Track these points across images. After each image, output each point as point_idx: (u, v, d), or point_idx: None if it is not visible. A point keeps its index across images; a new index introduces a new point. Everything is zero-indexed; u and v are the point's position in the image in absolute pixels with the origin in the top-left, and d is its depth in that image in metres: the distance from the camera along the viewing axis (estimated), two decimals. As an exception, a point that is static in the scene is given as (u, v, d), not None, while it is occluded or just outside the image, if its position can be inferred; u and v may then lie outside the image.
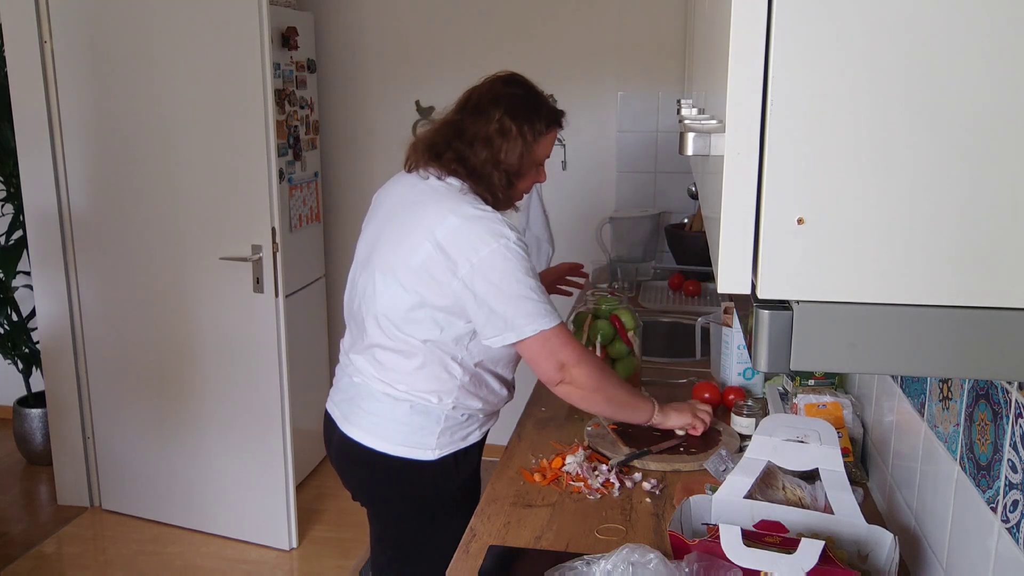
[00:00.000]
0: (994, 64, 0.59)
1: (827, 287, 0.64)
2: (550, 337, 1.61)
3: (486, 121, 1.69)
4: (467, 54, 3.52)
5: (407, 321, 1.66)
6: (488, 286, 1.58)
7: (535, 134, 1.71)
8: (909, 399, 1.35)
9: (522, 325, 1.59)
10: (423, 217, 1.64)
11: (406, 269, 1.63)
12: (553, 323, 1.61)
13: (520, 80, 1.77)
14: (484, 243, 1.58)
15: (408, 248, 1.63)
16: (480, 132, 1.69)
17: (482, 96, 1.73)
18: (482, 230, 1.59)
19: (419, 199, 1.68)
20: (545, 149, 1.76)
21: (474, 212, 1.62)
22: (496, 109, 1.69)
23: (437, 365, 1.68)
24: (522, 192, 1.80)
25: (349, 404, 1.77)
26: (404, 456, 1.71)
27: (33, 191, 3.20)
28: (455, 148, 1.70)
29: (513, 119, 1.69)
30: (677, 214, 3.45)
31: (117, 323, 3.20)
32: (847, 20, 0.60)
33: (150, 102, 2.96)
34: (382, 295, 1.68)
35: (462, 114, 1.73)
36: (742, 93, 0.63)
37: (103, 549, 3.18)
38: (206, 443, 3.16)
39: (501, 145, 1.68)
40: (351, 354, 1.80)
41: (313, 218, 3.57)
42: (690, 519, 1.33)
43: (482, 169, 1.69)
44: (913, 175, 0.61)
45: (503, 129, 1.68)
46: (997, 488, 0.98)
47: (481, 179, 1.69)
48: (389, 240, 1.69)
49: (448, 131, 1.72)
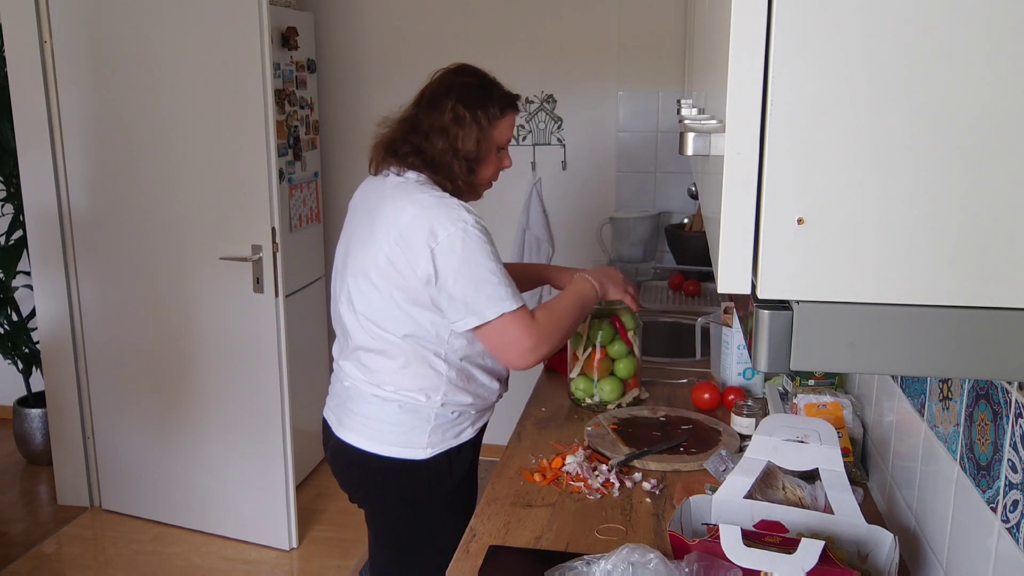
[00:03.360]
0: (994, 64, 0.59)
1: (827, 287, 0.64)
2: (512, 320, 1.61)
3: (440, 112, 1.71)
4: (467, 54, 3.48)
5: (386, 319, 1.67)
6: (447, 270, 1.59)
7: (490, 119, 1.73)
8: (909, 399, 1.35)
9: (483, 308, 1.60)
10: (383, 215, 1.66)
11: (375, 268, 1.65)
12: (514, 306, 1.61)
13: (471, 69, 1.79)
14: (442, 227, 1.59)
15: (374, 247, 1.65)
16: (435, 123, 1.71)
17: (434, 89, 1.75)
18: (439, 215, 1.61)
19: (380, 198, 1.71)
20: (503, 133, 1.77)
21: (430, 200, 1.63)
22: (448, 99, 1.71)
23: (421, 363, 1.69)
24: (486, 180, 1.80)
25: (341, 408, 1.79)
26: (396, 456, 1.72)
27: (33, 191, 3.20)
28: (411, 142, 1.72)
29: (466, 106, 1.71)
30: (677, 214, 3.45)
31: (117, 323, 3.20)
32: (847, 20, 0.60)
33: (150, 102, 2.96)
34: (358, 297, 1.70)
35: (416, 109, 1.76)
36: (742, 93, 0.63)
37: (103, 549, 3.18)
38: (206, 443, 3.16)
39: (457, 133, 1.70)
40: (340, 360, 1.82)
41: (313, 218, 3.57)
42: (690, 519, 1.33)
43: (441, 159, 1.70)
44: (913, 175, 0.61)
45: (457, 117, 1.70)
46: (997, 488, 0.98)
47: (440, 169, 1.71)
48: (357, 243, 1.72)
49: (404, 127, 1.75)
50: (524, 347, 1.63)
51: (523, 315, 1.63)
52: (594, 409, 2.02)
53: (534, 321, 1.65)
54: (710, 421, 1.89)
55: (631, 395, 2.04)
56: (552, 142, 3.52)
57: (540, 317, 1.67)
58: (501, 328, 1.62)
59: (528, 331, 1.63)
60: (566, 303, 1.76)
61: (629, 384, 2.04)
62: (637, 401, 2.05)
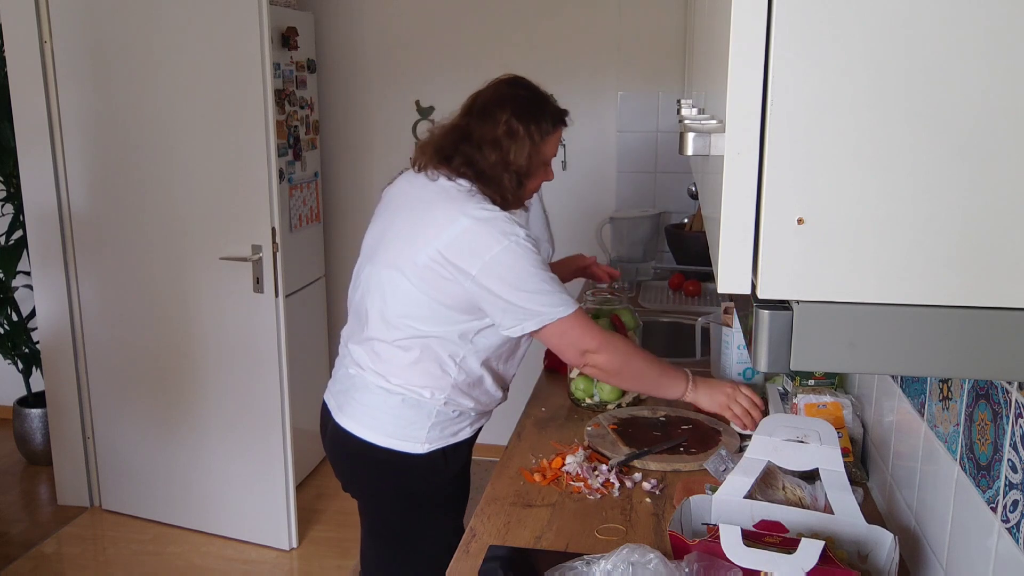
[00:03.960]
0: (994, 63, 0.59)
1: (827, 287, 0.64)
2: (569, 325, 1.65)
3: (493, 124, 1.71)
4: (467, 54, 3.51)
5: (410, 316, 1.68)
6: (502, 283, 1.60)
7: (542, 134, 1.73)
8: (909, 399, 1.35)
9: (541, 314, 1.63)
10: (433, 217, 1.66)
11: (413, 266, 1.65)
12: (570, 310, 1.64)
13: (524, 82, 1.79)
14: (496, 241, 1.60)
15: (417, 246, 1.65)
16: (488, 135, 1.71)
17: (488, 99, 1.75)
18: (493, 229, 1.62)
19: (429, 199, 1.70)
20: (552, 148, 1.78)
21: (483, 213, 1.64)
22: (502, 111, 1.71)
23: (432, 361, 1.70)
24: (531, 192, 1.83)
25: (344, 395, 1.80)
26: (394, 448, 1.73)
27: (33, 191, 3.20)
28: (463, 152, 1.71)
29: (520, 120, 1.71)
30: (677, 214, 3.45)
31: (117, 323, 3.20)
32: (847, 20, 0.60)
33: (150, 102, 2.96)
34: (388, 289, 1.70)
35: (468, 118, 1.75)
36: (742, 93, 0.63)
37: (103, 549, 3.18)
38: (206, 443, 3.16)
39: (510, 147, 1.70)
40: (350, 344, 1.81)
41: (313, 218, 3.57)
42: (690, 519, 1.33)
43: (492, 172, 1.70)
44: (913, 175, 0.61)
45: (511, 131, 1.70)
46: (997, 488, 0.98)
47: (491, 181, 1.71)
48: (397, 236, 1.71)
49: (456, 135, 1.74)
50: (584, 347, 1.67)
51: (579, 318, 1.66)
52: (594, 409, 2.02)
53: (593, 326, 1.69)
54: (710, 421, 1.89)
55: (631, 395, 2.04)
56: (552, 142, 3.51)
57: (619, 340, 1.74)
58: (561, 331, 1.65)
59: (586, 334, 1.67)
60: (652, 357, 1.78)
61: (629, 384, 2.04)
62: (637, 401, 2.05)
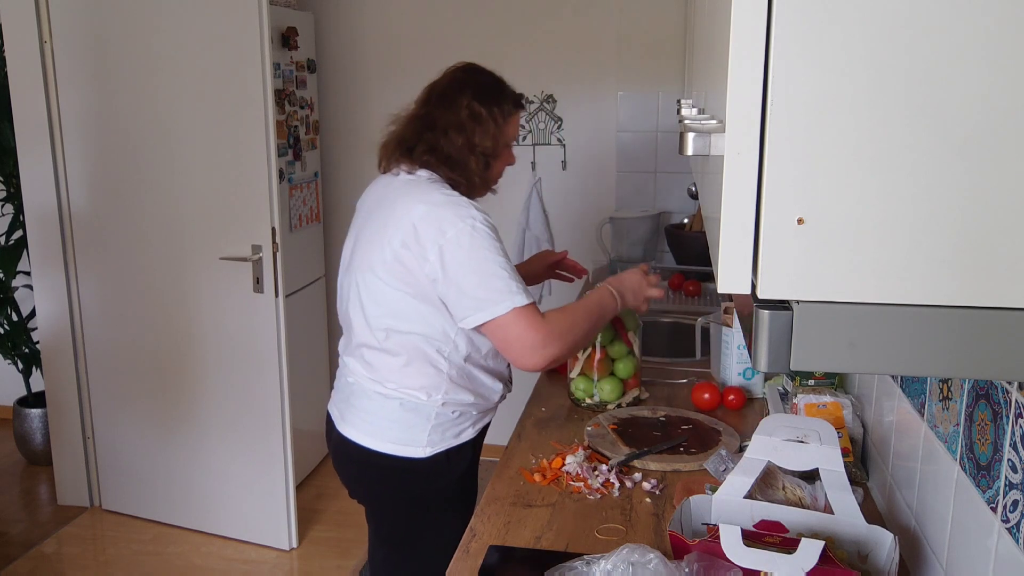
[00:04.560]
0: (994, 63, 0.58)
1: (827, 287, 0.64)
2: (520, 315, 1.58)
3: (456, 108, 1.72)
4: (467, 54, 3.48)
5: (389, 315, 1.68)
6: (456, 266, 1.59)
7: (504, 115, 1.76)
8: (909, 399, 1.35)
9: (493, 303, 1.58)
10: (393, 212, 1.66)
11: (382, 263, 1.66)
12: (524, 301, 1.59)
13: (480, 68, 1.82)
14: (451, 224, 1.60)
15: (383, 243, 1.66)
16: (452, 120, 1.72)
17: (447, 86, 1.77)
18: (449, 212, 1.61)
19: (392, 196, 1.71)
20: (513, 130, 1.81)
21: (440, 198, 1.64)
22: (463, 96, 1.73)
23: (423, 361, 1.69)
24: (497, 175, 1.83)
25: (345, 404, 1.80)
26: (396, 454, 1.73)
27: (33, 191, 3.20)
28: (427, 139, 1.72)
29: (482, 103, 1.73)
30: (677, 214, 3.45)
31: (117, 323, 3.20)
32: (847, 20, 0.60)
33: (150, 102, 2.96)
34: (365, 294, 1.70)
35: (428, 107, 1.76)
36: (742, 93, 0.63)
37: (103, 549, 3.18)
38: (206, 443, 3.16)
39: (475, 129, 1.72)
40: (344, 356, 1.83)
41: (313, 218, 3.57)
42: (690, 519, 1.33)
43: (458, 155, 1.72)
44: (913, 175, 0.61)
45: (474, 114, 1.72)
46: (997, 488, 0.98)
47: (457, 165, 1.72)
48: (368, 240, 1.72)
49: (418, 124, 1.75)
50: (530, 342, 1.59)
51: (532, 311, 1.60)
52: (594, 409, 2.02)
53: (544, 319, 1.62)
54: (710, 421, 1.89)
55: (631, 395, 2.04)
56: (552, 142, 3.52)
57: (552, 317, 1.64)
58: (508, 323, 1.59)
59: (536, 328, 1.59)
60: (582, 308, 1.72)
61: (629, 384, 2.04)
62: (637, 401, 2.05)
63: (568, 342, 1.65)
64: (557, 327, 1.63)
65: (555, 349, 1.62)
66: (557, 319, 1.65)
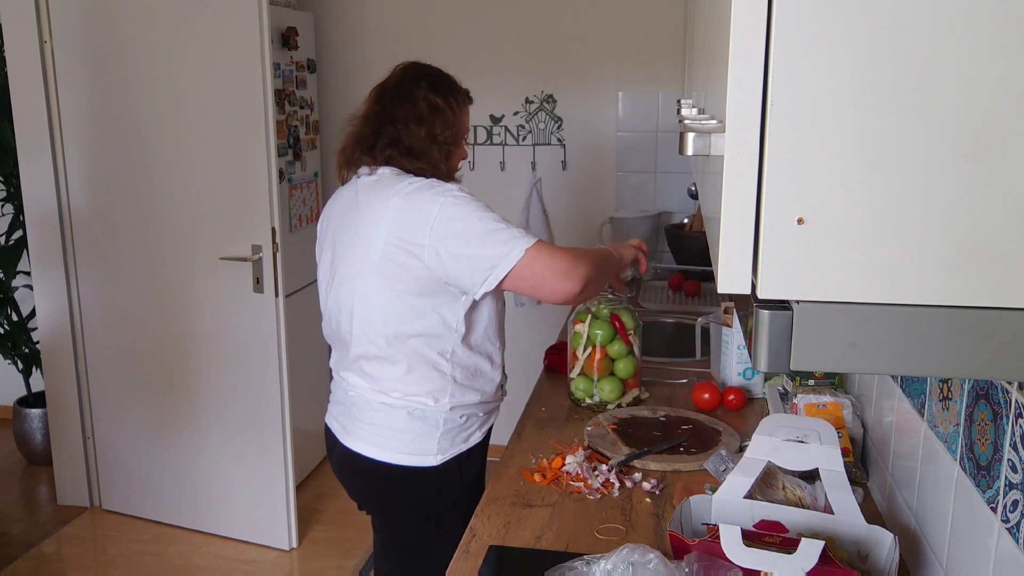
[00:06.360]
0: (993, 64, 0.59)
1: (827, 287, 0.64)
2: (537, 253, 1.59)
3: (413, 101, 1.73)
4: (467, 54, 3.51)
5: (388, 319, 1.66)
6: (455, 239, 1.58)
7: (460, 105, 1.78)
8: (909, 399, 1.35)
9: (504, 255, 1.58)
10: (368, 212, 1.66)
11: (370, 267, 1.64)
12: (532, 240, 1.60)
13: (426, 64, 1.83)
14: (432, 202, 1.60)
15: (365, 247, 1.64)
16: (411, 112, 1.73)
17: (399, 82, 1.77)
18: (424, 195, 1.62)
19: (359, 200, 1.70)
20: (467, 122, 1.83)
21: (411, 187, 1.64)
22: (418, 89, 1.74)
23: (424, 365, 1.68)
24: (455, 167, 1.83)
25: (347, 417, 1.78)
26: (406, 464, 1.71)
27: (33, 191, 3.20)
28: (387, 134, 1.72)
29: (437, 94, 1.74)
30: (677, 214, 3.45)
31: (117, 323, 3.20)
32: (847, 20, 0.60)
33: (150, 102, 2.96)
34: (358, 302, 1.68)
35: (382, 104, 1.76)
36: (742, 93, 0.63)
37: (103, 549, 3.18)
38: (206, 443, 3.16)
39: (434, 120, 1.73)
40: (341, 372, 1.81)
41: (313, 218, 3.57)
42: (690, 519, 1.33)
43: (421, 146, 1.72)
44: (913, 175, 0.61)
45: (432, 105, 1.73)
46: (997, 488, 0.98)
47: (420, 155, 1.72)
48: (345, 249, 1.71)
49: (374, 121, 1.75)
50: (560, 268, 1.59)
51: (544, 244, 1.61)
52: (594, 409, 2.02)
53: (559, 248, 1.64)
54: (710, 421, 1.89)
55: (631, 395, 2.04)
56: (552, 142, 3.51)
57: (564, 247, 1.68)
58: (528, 263, 1.58)
59: (557, 254, 1.61)
60: (588, 249, 1.76)
61: (629, 384, 2.04)
62: (637, 401, 2.05)
63: (591, 261, 1.67)
64: (574, 250, 1.67)
65: (584, 268, 1.63)
66: (568, 247, 1.69)
